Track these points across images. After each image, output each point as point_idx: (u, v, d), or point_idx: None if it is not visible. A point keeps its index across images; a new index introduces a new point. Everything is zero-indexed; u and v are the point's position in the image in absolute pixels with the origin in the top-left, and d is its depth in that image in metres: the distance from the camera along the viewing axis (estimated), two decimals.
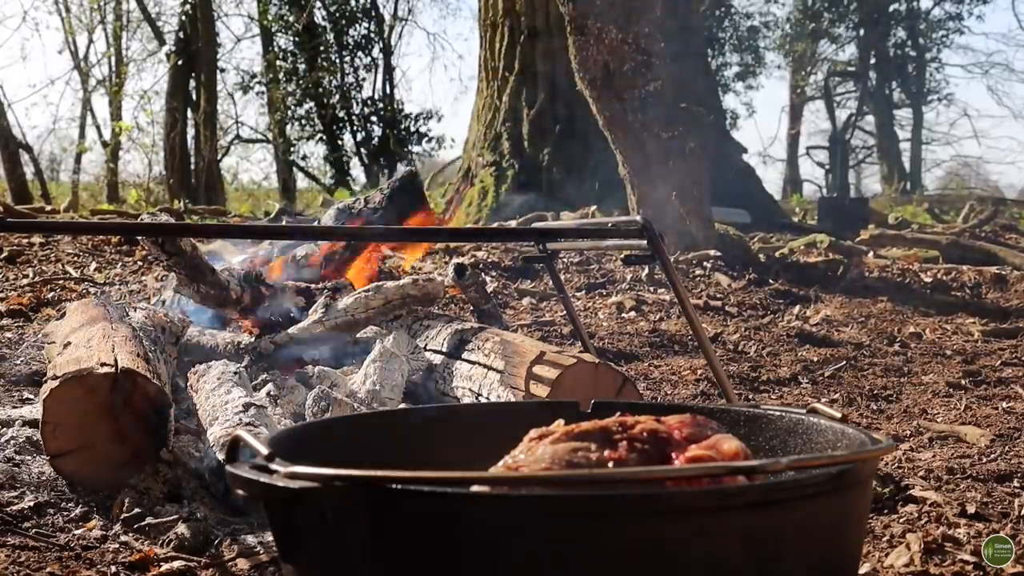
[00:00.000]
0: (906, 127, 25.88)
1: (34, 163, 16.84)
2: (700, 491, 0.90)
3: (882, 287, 5.34)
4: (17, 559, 1.53)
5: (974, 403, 2.83)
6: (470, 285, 3.11)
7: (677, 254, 5.60)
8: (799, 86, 26.11)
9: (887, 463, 2.09)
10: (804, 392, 3.06)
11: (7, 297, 4.25)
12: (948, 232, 8.11)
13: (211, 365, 2.21)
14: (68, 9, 20.09)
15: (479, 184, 10.38)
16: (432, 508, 0.87)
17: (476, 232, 5.36)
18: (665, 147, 5.64)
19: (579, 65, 5.70)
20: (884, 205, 14.85)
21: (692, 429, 1.03)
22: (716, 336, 3.93)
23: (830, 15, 23.63)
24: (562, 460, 0.96)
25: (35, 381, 2.79)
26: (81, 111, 20.55)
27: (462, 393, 2.40)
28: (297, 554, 0.96)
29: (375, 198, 3.35)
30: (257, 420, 1.85)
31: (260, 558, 1.57)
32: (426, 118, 20.28)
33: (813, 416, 1.20)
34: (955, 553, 1.55)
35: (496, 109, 10.68)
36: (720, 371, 2.17)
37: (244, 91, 21.44)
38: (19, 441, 2.06)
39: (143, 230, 2.75)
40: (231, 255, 3.42)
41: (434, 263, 5.77)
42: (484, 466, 1.01)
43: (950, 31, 24.07)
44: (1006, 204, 14.76)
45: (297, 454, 0.97)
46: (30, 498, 1.79)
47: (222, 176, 19.23)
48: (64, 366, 1.94)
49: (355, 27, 20.71)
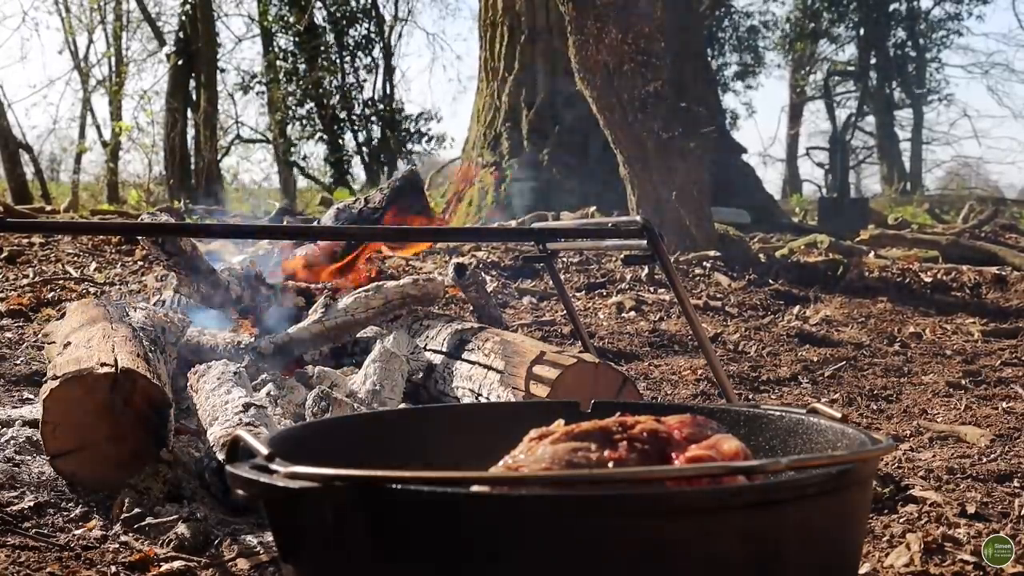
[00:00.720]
0: (906, 127, 25.89)
1: (34, 163, 16.83)
2: (700, 491, 0.90)
3: (882, 287, 5.34)
4: (17, 559, 1.53)
5: (974, 403, 2.83)
6: (470, 285, 3.11)
7: (677, 254, 5.60)
8: (799, 86, 26.11)
9: (887, 463, 2.09)
10: (804, 392, 3.06)
11: (7, 297, 4.25)
12: (948, 232, 8.11)
13: (211, 365, 2.20)
14: (68, 9, 20.10)
15: (479, 184, 10.38)
16: (432, 508, 0.87)
17: (476, 232, 5.36)
18: (665, 147, 5.64)
19: (579, 65, 5.70)
20: (884, 205, 14.86)
21: (692, 429, 1.03)
22: (716, 336, 3.93)
23: (830, 15, 23.63)
24: (562, 460, 0.96)
25: (35, 381, 2.79)
26: (81, 111, 20.56)
27: (462, 393, 2.40)
28: (297, 554, 0.96)
29: (375, 198, 3.35)
30: (257, 420, 1.85)
31: (260, 558, 1.57)
32: (426, 119, 20.31)
33: (813, 416, 1.20)
34: (955, 553, 1.55)
35: (496, 109, 10.68)
36: (720, 371, 2.17)
37: (244, 91, 21.46)
38: (19, 441, 2.06)
39: (143, 230, 2.75)
40: (231, 255, 3.42)
41: (434, 263, 5.77)
42: (484, 466, 1.01)
43: (950, 31, 24.08)
44: (1006, 204, 14.78)
45: (297, 454, 0.97)
46: (30, 498, 1.79)
47: (222, 176, 19.24)
48: (64, 366, 1.94)
49: (355, 27, 20.73)
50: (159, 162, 17.95)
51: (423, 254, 6.01)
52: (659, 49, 5.60)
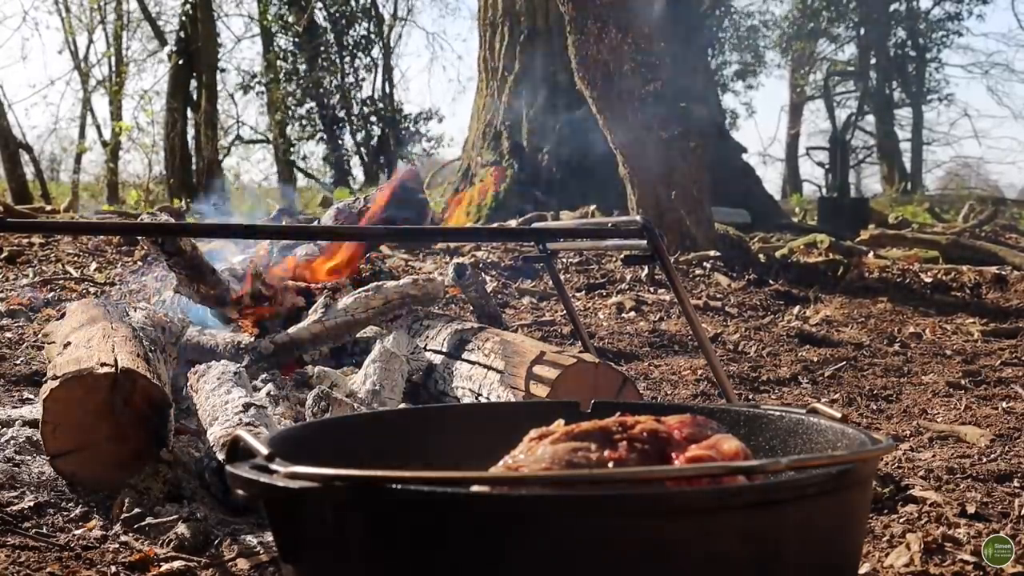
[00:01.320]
0: (906, 127, 25.89)
1: (34, 163, 16.84)
2: (700, 491, 0.90)
3: (882, 287, 5.34)
4: (17, 559, 1.53)
5: (974, 403, 2.83)
6: (470, 285, 3.11)
7: (677, 254, 5.60)
8: (799, 86, 26.11)
9: (887, 463, 2.09)
10: (804, 392, 3.06)
11: (7, 297, 4.25)
12: (948, 232, 8.11)
13: (211, 365, 2.21)
14: (68, 9, 20.10)
15: (479, 184, 10.38)
16: (432, 508, 0.87)
17: (476, 232, 5.36)
18: (665, 147, 5.64)
19: (579, 65, 5.70)
20: (884, 205, 14.85)
21: (692, 429, 1.03)
22: (716, 336, 3.93)
23: (829, 14, 23.62)
24: (562, 460, 0.96)
25: (35, 381, 2.79)
26: (81, 111, 20.57)
27: (462, 393, 2.40)
28: (297, 554, 0.96)
29: (375, 198, 3.35)
30: (257, 420, 1.85)
31: (260, 558, 1.57)
32: (426, 119, 20.31)
33: (813, 416, 1.20)
34: (955, 553, 1.55)
35: (496, 109, 10.68)
36: (720, 371, 2.17)
37: (244, 91, 21.46)
38: (19, 441, 2.06)
39: (143, 230, 2.75)
40: (231, 255, 3.42)
41: (434, 263, 5.77)
42: (484, 466, 1.01)
43: (950, 31, 24.07)
44: (1006, 204, 14.78)
45: (297, 454, 0.97)
46: (30, 498, 1.79)
47: (223, 176, 19.23)
48: (64, 366, 1.94)
49: (355, 27, 20.73)
50: (159, 162, 17.96)
51: (423, 254, 6.02)
52: (659, 49, 5.60)
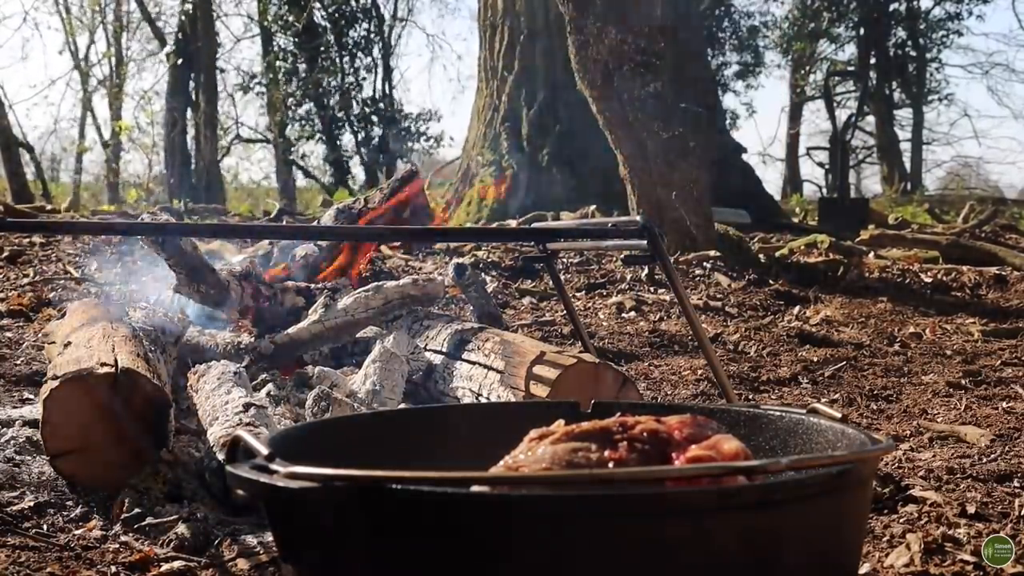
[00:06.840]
0: (906, 127, 25.86)
1: (35, 163, 16.86)
2: (700, 491, 0.90)
3: (882, 287, 5.34)
4: (17, 559, 1.53)
5: (974, 403, 2.83)
6: (470, 285, 3.11)
7: (677, 254, 5.60)
8: (799, 86, 26.10)
9: (887, 463, 2.09)
10: (804, 392, 3.06)
11: (7, 297, 4.25)
12: (948, 232, 8.10)
13: (211, 365, 2.21)
14: (68, 9, 20.13)
15: (479, 184, 10.38)
16: (432, 508, 0.87)
17: (476, 232, 5.36)
18: (665, 147, 5.64)
19: (579, 65, 5.70)
20: (884, 205, 14.85)
21: (692, 429, 1.03)
22: (716, 336, 3.93)
23: (829, 14, 23.60)
24: (562, 460, 0.96)
25: (35, 381, 2.79)
26: (81, 111, 20.60)
27: (462, 393, 2.40)
28: (297, 554, 0.96)
29: (375, 198, 3.35)
30: (257, 420, 1.85)
31: (260, 558, 1.57)
32: (426, 119, 20.31)
33: (813, 416, 1.20)
34: (955, 553, 1.55)
35: (496, 109, 10.68)
36: (720, 371, 2.17)
37: (244, 91, 21.45)
38: (19, 441, 2.06)
39: (143, 230, 2.75)
40: (231, 255, 3.42)
41: (434, 263, 5.77)
42: (484, 466, 1.01)
43: (950, 31, 24.05)
44: (1006, 204, 14.78)
45: (297, 454, 0.97)
46: (30, 498, 1.79)
47: (222, 176, 19.24)
48: (64, 366, 1.94)
49: (355, 27, 20.72)
50: (159, 162, 17.96)
51: (423, 254, 6.01)
52: (659, 49, 5.60)
